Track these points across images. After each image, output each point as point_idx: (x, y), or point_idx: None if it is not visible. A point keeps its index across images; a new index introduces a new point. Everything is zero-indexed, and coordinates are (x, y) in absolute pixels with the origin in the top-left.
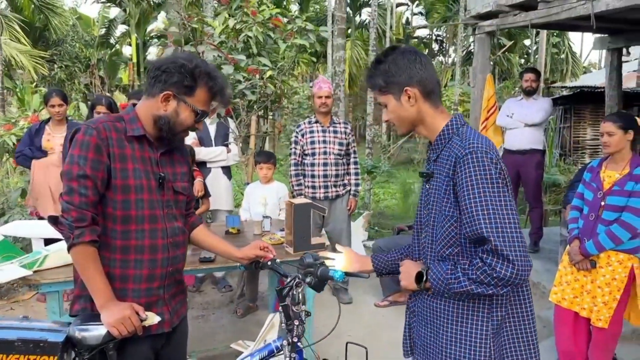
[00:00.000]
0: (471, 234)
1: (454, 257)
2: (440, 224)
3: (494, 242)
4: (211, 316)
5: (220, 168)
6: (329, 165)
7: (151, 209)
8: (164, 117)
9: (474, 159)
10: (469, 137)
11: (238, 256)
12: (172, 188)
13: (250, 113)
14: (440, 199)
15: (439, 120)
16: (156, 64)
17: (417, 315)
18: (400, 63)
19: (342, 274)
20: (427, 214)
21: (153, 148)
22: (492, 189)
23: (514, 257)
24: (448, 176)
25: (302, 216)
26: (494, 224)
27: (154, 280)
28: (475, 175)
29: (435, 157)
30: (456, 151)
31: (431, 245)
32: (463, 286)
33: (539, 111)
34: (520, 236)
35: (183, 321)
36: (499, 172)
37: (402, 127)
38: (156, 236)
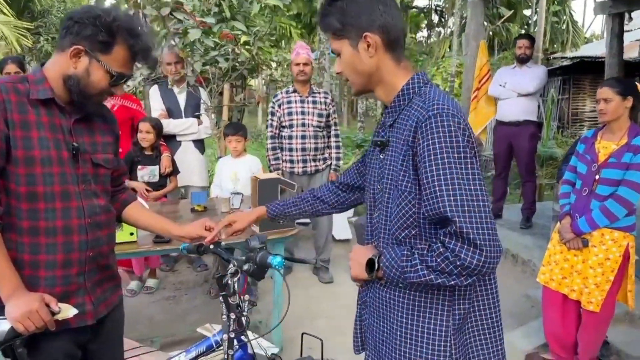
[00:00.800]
0: (432, 212)
1: (410, 240)
2: (396, 201)
3: (458, 224)
4: (183, 297)
5: (191, 142)
6: (307, 137)
7: (63, 184)
8: (73, 77)
9: (439, 123)
10: (433, 97)
11: (177, 234)
12: (90, 160)
13: (222, 82)
14: (396, 171)
15: (399, 78)
16: (69, 13)
17: (368, 307)
18: (361, 1)
19: (281, 260)
20: (380, 190)
21: (65, 114)
22: (458, 160)
23: (481, 242)
24: (407, 144)
25: (269, 193)
26: (459, 202)
27: (71, 266)
28: (439, 143)
29: (391, 121)
30: (417, 114)
31: (385, 226)
32: (421, 275)
33: (533, 79)
34: (490, 217)
35: (116, 310)
36: (467, 139)
37: (357, 83)
38: (70, 216)
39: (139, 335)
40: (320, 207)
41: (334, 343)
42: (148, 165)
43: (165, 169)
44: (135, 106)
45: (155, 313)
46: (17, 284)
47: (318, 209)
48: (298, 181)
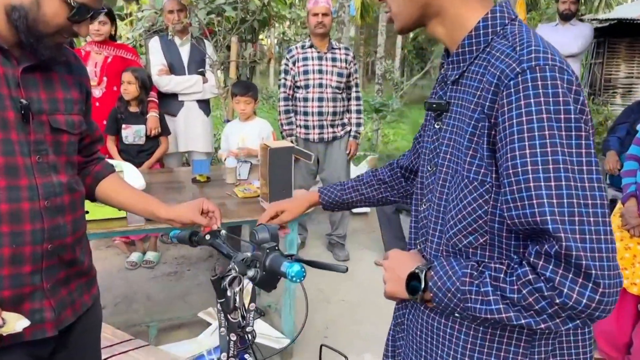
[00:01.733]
0: (518, 220)
1: (475, 252)
2: (457, 193)
3: (565, 242)
4: (185, 273)
5: (195, 102)
6: (324, 100)
7: (8, 155)
8: (18, 8)
9: (537, 82)
10: (528, 39)
11: (165, 217)
12: (47, 123)
13: (230, 35)
14: (459, 149)
15: (470, 10)
16: None
17: (406, 332)
18: None
19: (301, 270)
20: (432, 173)
21: (10, 60)
22: (566, 141)
23: (598, 272)
24: (480, 111)
25: (281, 163)
26: (567, 209)
27: (22, 263)
28: (537, 113)
29: (456, 75)
30: (501, 65)
31: (436, 227)
32: (493, 310)
33: (578, 38)
34: (609, 232)
35: (88, 314)
36: (580, 109)
37: (405, 12)
38: (19, 197)
39: (135, 317)
40: (387, 193)
41: (349, 332)
42: (133, 124)
43: (151, 130)
44: (131, 56)
45: (154, 291)
46: None
47: (385, 196)
48: (314, 149)
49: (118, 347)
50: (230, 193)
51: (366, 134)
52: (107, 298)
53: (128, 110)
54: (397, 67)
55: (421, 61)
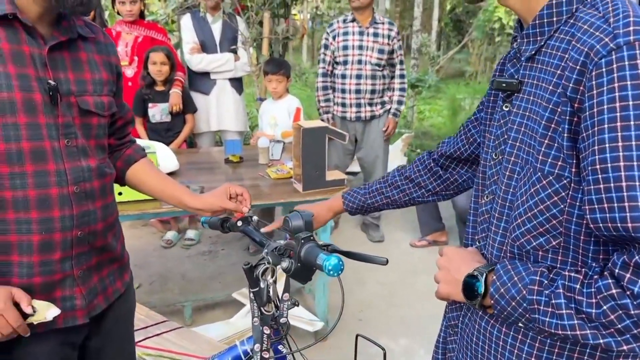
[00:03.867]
0: (604, 224)
1: (544, 256)
2: (528, 186)
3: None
4: (220, 252)
5: (227, 80)
6: (363, 78)
7: (35, 139)
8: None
9: (636, 60)
10: (624, 9)
11: (194, 207)
12: (75, 105)
13: (262, 10)
14: (532, 137)
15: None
16: None
17: (460, 336)
18: None
19: (338, 263)
20: (498, 162)
21: (36, 38)
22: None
23: None
24: (560, 93)
25: (315, 144)
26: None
27: (52, 250)
28: (635, 98)
29: (532, 50)
30: (589, 39)
31: (500, 224)
32: (565, 326)
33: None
34: None
35: (121, 300)
36: None
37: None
38: (47, 183)
39: (169, 296)
40: (415, 193)
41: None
42: (160, 103)
43: (172, 106)
44: (161, 37)
45: (189, 271)
46: None
47: (413, 197)
48: (351, 128)
49: (152, 329)
50: (263, 174)
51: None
52: (142, 277)
53: (154, 89)
54: (433, 41)
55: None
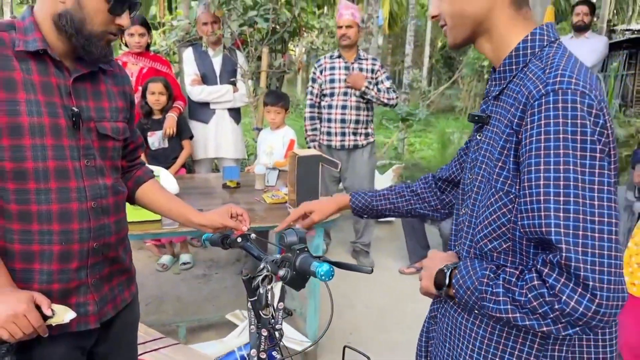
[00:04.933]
0: (529, 229)
1: (498, 256)
2: (486, 200)
3: (565, 253)
4: (214, 276)
5: (226, 110)
6: (348, 108)
7: (59, 159)
8: (64, 14)
9: (558, 104)
10: (558, 63)
11: (197, 222)
12: (94, 130)
13: (261, 45)
14: (492, 161)
15: (515, 30)
16: None
17: (438, 325)
18: None
19: (329, 269)
20: (471, 180)
21: (62, 71)
22: (581, 160)
23: (596, 284)
24: (510, 126)
25: (309, 171)
26: (572, 222)
27: (70, 260)
28: (555, 133)
29: (497, 91)
30: (531, 85)
31: (469, 230)
32: (502, 310)
33: (592, 52)
34: (614, 249)
35: (127, 310)
36: (599, 132)
37: (457, 29)
38: (68, 198)
39: (164, 317)
40: (418, 205)
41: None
42: (157, 130)
43: (166, 129)
44: (165, 69)
45: (183, 293)
46: (3, 281)
47: (415, 208)
48: (335, 156)
49: (150, 344)
50: (259, 199)
51: (392, 143)
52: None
53: (152, 118)
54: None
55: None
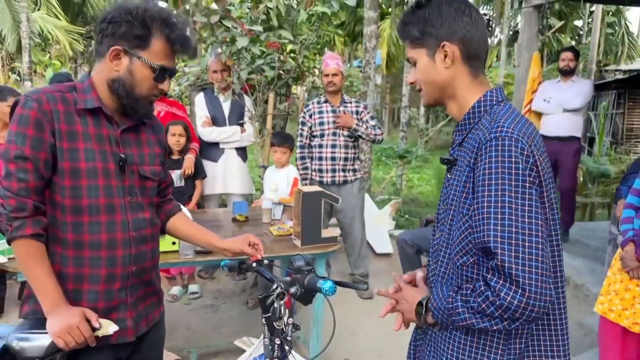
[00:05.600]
0: (477, 241)
1: (467, 268)
2: (457, 224)
3: (500, 257)
4: (221, 306)
5: (234, 149)
6: (337, 147)
7: (108, 197)
8: (117, 80)
9: (499, 147)
10: (500, 117)
11: (220, 246)
12: (137, 172)
13: (268, 90)
14: (459, 193)
15: (472, 94)
16: (102, 15)
17: (423, 333)
18: (445, 11)
19: (332, 286)
20: (444, 210)
21: (112, 124)
22: (515, 188)
23: (524, 281)
24: (469, 165)
25: (312, 206)
26: (506, 233)
27: (114, 281)
28: (495, 168)
29: (460, 140)
30: (481, 134)
31: (445, 249)
32: (463, 319)
33: (578, 95)
34: (542, 254)
35: (156, 327)
36: (530, 168)
37: (430, 94)
38: (115, 229)
39: (175, 345)
40: None
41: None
42: (176, 169)
43: (185, 169)
44: (181, 113)
45: (193, 322)
46: (59, 299)
47: None
48: (328, 191)
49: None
50: (266, 231)
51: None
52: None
53: (171, 158)
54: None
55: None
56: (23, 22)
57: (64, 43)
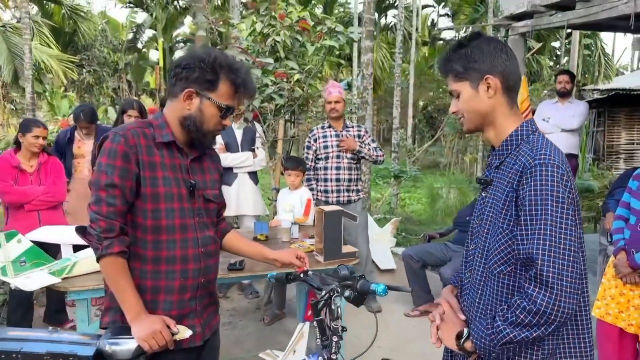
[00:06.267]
0: (522, 252)
1: (504, 276)
2: (495, 237)
3: (539, 265)
4: (238, 323)
5: (246, 173)
6: (342, 169)
7: (182, 217)
8: (189, 117)
9: (543, 173)
10: (541, 146)
11: (272, 257)
12: (202, 196)
13: (277, 117)
14: (497, 210)
15: (510, 123)
16: (176, 61)
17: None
18: (485, 49)
19: (385, 287)
20: (479, 224)
21: (183, 155)
22: (556, 209)
23: (555, 283)
24: (511, 186)
25: (333, 223)
26: (547, 246)
27: (185, 292)
28: (541, 191)
29: (498, 163)
30: (524, 160)
31: (481, 259)
32: (506, 335)
33: (576, 116)
34: (575, 266)
35: (215, 334)
36: (569, 191)
37: (472, 121)
38: (187, 246)
39: None
40: None
41: None
42: None
43: None
44: None
45: None
46: (140, 308)
47: None
48: None
49: None
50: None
51: (386, 199)
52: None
53: None
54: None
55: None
56: (26, 53)
57: (57, 72)
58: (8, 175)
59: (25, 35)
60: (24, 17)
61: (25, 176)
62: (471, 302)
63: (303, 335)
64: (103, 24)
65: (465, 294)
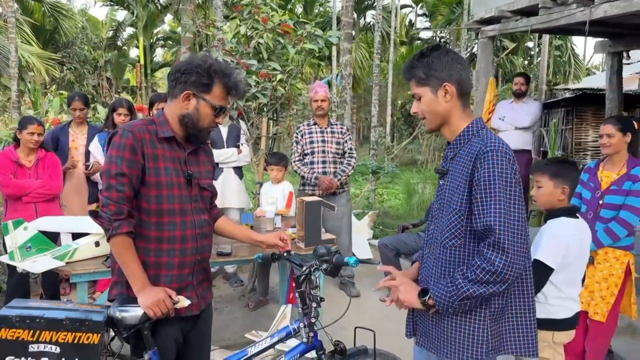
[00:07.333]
0: (480, 225)
1: (455, 249)
2: (448, 216)
3: (497, 233)
4: (224, 309)
5: (232, 168)
6: (327, 163)
7: (181, 203)
8: (187, 116)
9: (494, 157)
10: (491, 137)
11: (259, 239)
12: (198, 184)
13: (261, 115)
14: (451, 193)
15: (462, 122)
16: (175, 67)
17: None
18: (444, 60)
19: (357, 259)
20: (437, 208)
21: (181, 148)
22: (506, 187)
23: (509, 247)
24: (465, 173)
25: (313, 213)
26: (502, 218)
27: (184, 267)
28: (493, 172)
29: (452, 155)
30: (477, 148)
31: (438, 236)
32: (465, 290)
33: (527, 115)
34: (523, 233)
35: (208, 307)
36: (514, 172)
37: (432, 121)
38: (186, 227)
39: None
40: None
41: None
42: None
43: None
44: None
45: None
46: (145, 281)
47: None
48: None
49: None
50: None
51: (364, 194)
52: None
53: None
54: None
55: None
56: (11, 52)
57: (40, 69)
58: (7, 169)
59: (11, 34)
60: (9, 16)
61: (23, 170)
62: (429, 272)
63: (286, 316)
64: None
65: (425, 266)
